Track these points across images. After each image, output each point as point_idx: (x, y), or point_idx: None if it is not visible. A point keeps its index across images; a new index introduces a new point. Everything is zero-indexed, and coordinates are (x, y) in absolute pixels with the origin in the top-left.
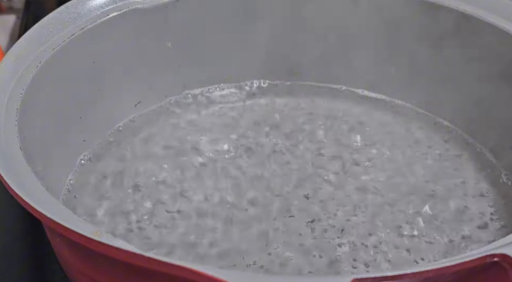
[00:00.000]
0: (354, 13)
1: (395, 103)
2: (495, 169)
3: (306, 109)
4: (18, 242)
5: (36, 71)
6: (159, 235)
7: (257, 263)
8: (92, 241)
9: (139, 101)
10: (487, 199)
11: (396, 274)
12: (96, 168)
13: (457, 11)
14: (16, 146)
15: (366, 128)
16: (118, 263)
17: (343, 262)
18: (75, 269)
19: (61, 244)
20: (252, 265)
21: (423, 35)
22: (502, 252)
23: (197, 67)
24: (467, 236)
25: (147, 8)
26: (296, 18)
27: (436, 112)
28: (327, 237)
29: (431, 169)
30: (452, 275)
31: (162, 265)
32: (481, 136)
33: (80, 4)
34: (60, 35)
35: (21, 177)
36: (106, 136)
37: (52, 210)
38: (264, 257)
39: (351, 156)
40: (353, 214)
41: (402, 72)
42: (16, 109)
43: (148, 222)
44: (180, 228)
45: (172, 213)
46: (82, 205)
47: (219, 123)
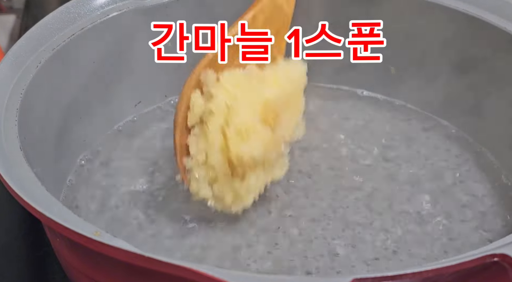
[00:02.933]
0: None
1: (394, 103)
2: (496, 169)
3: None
4: (18, 242)
5: (36, 71)
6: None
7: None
8: (92, 241)
9: (139, 101)
10: (487, 199)
11: (396, 274)
12: (96, 167)
13: (457, 11)
14: (16, 146)
15: (366, 127)
16: (118, 263)
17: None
18: (75, 269)
19: (61, 244)
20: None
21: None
22: (502, 252)
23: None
24: (467, 236)
25: (147, 8)
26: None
27: (436, 112)
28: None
29: (430, 168)
30: (452, 275)
31: (162, 265)
32: (482, 136)
33: (80, 4)
34: (60, 35)
35: (21, 177)
36: (106, 136)
37: (52, 210)
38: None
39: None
40: (355, 211)
41: (402, 72)
42: (16, 109)
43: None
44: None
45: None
46: (82, 204)
47: None
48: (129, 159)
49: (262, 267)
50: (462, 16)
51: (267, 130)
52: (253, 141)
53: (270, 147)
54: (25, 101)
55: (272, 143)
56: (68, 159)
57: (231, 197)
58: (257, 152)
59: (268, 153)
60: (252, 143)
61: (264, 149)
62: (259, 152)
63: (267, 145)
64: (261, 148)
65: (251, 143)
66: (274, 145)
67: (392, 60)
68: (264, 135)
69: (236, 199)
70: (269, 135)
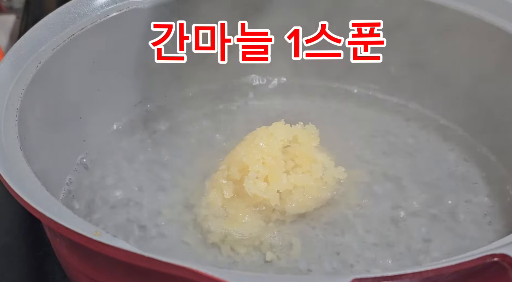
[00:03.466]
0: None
1: (397, 103)
2: (496, 169)
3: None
4: (18, 242)
5: (36, 71)
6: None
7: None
8: (92, 241)
9: (139, 101)
10: (487, 199)
11: (396, 274)
12: (96, 167)
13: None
14: (16, 145)
15: (365, 126)
16: (118, 263)
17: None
18: (75, 269)
19: (61, 244)
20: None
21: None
22: (502, 252)
23: (197, 66)
24: (467, 236)
25: (147, 8)
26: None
27: (438, 112)
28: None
29: (432, 169)
30: (452, 275)
31: (162, 265)
32: (483, 137)
33: (80, 4)
34: (60, 35)
35: (21, 176)
36: (106, 136)
37: (52, 210)
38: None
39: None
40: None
41: (402, 72)
42: (16, 109)
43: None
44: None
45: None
46: (81, 204)
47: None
48: (129, 159)
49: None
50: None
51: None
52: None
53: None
54: (25, 101)
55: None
56: (68, 159)
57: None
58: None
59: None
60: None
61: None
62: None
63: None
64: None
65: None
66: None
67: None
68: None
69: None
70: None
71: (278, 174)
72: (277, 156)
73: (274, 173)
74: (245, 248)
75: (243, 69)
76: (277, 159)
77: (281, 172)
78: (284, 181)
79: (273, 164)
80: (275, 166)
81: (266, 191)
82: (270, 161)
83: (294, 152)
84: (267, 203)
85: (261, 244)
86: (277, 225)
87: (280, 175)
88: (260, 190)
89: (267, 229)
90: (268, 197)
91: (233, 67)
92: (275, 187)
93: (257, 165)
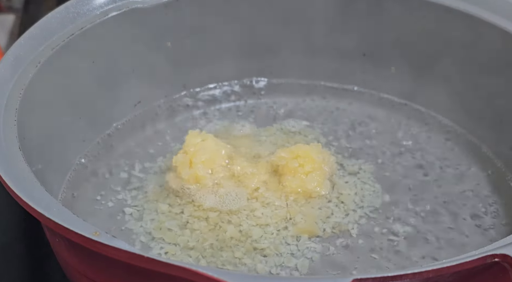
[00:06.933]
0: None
1: (397, 102)
2: (497, 169)
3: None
4: (18, 242)
5: (36, 71)
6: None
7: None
8: (92, 241)
9: (138, 101)
10: (488, 199)
11: (396, 274)
12: (95, 167)
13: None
14: (16, 145)
15: (367, 126)
16: (118, 263)
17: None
18: (75, 269)
19: (60, 244)
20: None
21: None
22: (503, 252)
23: (197, 66)
24: (467, 236)
25: (147, 8)
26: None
27: (440, 112)
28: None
29: (433, 169)
30: (453, 275)
31: (162, 265)
32: (485, 137)
33: (80, 4)
34: (60, 35)
35: (20, 176)
36: (106, 136)
37: (51, 210)
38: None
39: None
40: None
41: (402, 72)
42: (16, 109)
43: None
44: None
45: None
46: (81, 204)
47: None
48: (129, 159)
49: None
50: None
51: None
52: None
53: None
54: (24, 101)
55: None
56: (67, 159)
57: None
58: None
59: None
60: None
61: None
62: None
63: None
64: None
65: None
66: None
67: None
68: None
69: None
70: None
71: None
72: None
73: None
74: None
75: (244, 69)
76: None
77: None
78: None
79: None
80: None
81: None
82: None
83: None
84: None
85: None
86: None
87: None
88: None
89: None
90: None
91: (233, 67)
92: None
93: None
